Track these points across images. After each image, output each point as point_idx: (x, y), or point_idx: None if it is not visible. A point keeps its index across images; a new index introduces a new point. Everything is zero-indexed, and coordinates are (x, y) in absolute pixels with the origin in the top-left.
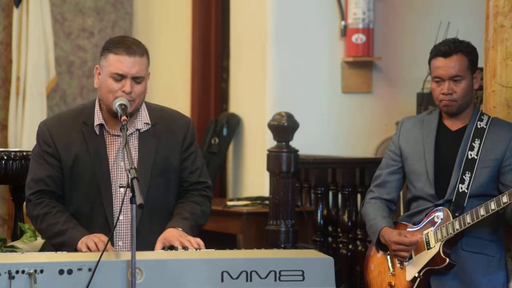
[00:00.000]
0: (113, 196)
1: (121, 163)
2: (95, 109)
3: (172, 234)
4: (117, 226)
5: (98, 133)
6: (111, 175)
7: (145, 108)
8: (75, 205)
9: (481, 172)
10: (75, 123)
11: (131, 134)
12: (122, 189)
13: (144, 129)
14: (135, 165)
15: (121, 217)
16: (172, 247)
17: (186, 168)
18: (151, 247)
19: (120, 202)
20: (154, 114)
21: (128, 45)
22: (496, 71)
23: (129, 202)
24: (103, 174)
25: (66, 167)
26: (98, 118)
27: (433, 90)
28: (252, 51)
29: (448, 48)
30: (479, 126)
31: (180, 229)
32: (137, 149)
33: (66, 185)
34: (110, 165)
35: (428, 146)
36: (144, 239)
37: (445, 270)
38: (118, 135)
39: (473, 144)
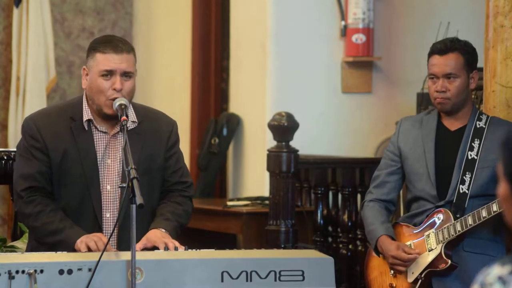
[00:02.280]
0: (101, 193)
1: (108, 160)
2: (83, 105)
3: (155, 235)
4: (105, 224)
5: (86, 128)
6: (99, 172)
7: (131, 106)
8: (63, 200)
9: (481, 172)
10: (62, 118)
11: (117, 133)
12: (109, 187)
13: (130, 128)
14: (119, 163)
15: (107, 215)
16: (155, 248)
17: (168, 168)
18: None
19: (108, 200)
20: (139, 113)
21: (115, 43)
22: (496, 71)
23: (126, 201)
24: (91, 170)
25: (54, 162)
26: (86, 114)
27: (429, 88)
28: (252, 51)
29: (445, 46)
30: (478, 126)
31: (163, 230)
32: (122, 148)
33: (55, 181)
34: (98, 161)
35: (428, 146)
36: (127, 239)
37: (447, 271)
38: (105, 132)
39: (472, 144)
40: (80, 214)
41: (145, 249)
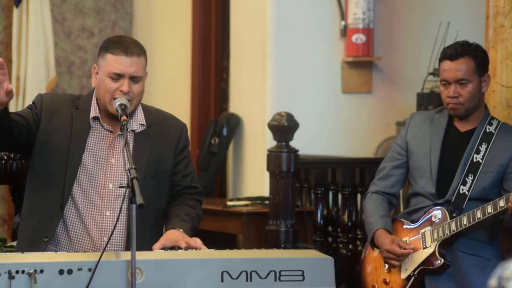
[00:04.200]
0: (78, 177)
1: (112, 159)
2: (92, 101)
3: (175, 235)
4: (104, 222)
5: (92, 125)
6: (82, 158)
7: (141, 109)
8: (37, 170)
9: (484, 176)
10: (68, 104)
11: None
12: (111, 185)
13: (139, 130)
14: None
15: (107, 213)
16: (172, 248)
17: (179, 172)
18: (140, 248)
19: (108, 198)
20: (149, 116)
21: (126, 45)
22: (496, 71)
23: (128, 201)
24: (75, 153)
25: (42, 134)
26: (94, 111)
27: (441, 93)
28: (252, 51)
29: (455, 51)
30: (487, 130)
31: (181, 230)
32: (131, 150)
33: (36, 148)
34: (86, 149)
35: (435, 144)
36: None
37: (440, 270)
38: (111, 131)
39: (479, 147)
40: (48, 186)
41: (165, 248)
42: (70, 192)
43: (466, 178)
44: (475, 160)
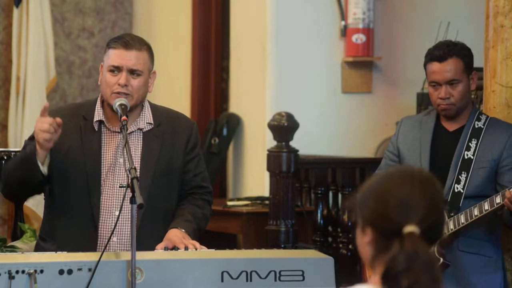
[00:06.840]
0: (101, 190)
1: (121, 159)
2: (97, 105)
3: (176, 235)
4: (113, 222)
5: (96, 129)
6: (101, 171)
7: (149, 108)
8: (61, 196)
9: (477, 172)
10: (75, 117)
11: (132, 132)
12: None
13: (146, 129)
14: (137, 164)
15: (117, 213)
16: (173, 248)
17: (189, 171)
18: (152, 247)
19: (119, 198)
20: (158, 114)
21: (127, 40)
22: (496, 71)
23: (129, 202)
24: (93, 169)
25: (56, 155)
26: (98, 114)
27: (430, 95)
28: (252, 51)
29: (443, 52)
30: (476, 126)
31: (183, 230)
32: (140, 149)
33: (54, 176)
34: (102, 161)
35: (424, 149)
36: (145, 239)
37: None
38: (118, 132)
39: (469, 144)
40: (77, 210)
41: (165, 248)
42: (99, 212)
43: (460, 176)
44: (466, 157)
